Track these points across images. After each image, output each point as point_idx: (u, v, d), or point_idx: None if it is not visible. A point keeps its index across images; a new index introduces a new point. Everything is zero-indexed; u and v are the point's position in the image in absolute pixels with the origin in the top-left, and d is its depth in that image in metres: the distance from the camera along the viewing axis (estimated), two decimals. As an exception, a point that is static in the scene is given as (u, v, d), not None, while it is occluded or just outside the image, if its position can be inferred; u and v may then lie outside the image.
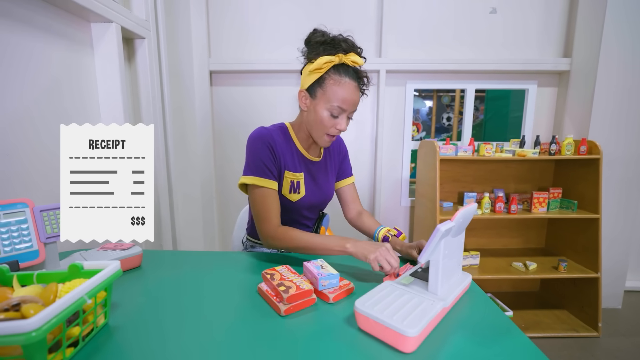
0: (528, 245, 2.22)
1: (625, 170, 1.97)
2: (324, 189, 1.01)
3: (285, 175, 0.91)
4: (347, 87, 0.83)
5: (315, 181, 0.98)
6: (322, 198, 1.00)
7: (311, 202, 0.97)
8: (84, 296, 0.48)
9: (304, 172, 0.95)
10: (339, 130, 0.87)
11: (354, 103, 0.86)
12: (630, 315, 2.02)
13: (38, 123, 0.98)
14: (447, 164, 2.09)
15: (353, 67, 0.85)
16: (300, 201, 0.94)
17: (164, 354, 0.50)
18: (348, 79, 0.83)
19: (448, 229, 0.55)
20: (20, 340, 0.39)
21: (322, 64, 0.81)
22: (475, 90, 2.18)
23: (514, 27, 2.08)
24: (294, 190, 0.92)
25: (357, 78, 0.86)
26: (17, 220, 0.68)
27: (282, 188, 0.91)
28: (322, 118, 0.85)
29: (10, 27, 0.89)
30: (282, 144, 0.90)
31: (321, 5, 2.05)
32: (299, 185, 0.93)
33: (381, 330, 0.51)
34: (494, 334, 0.55)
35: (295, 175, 0.92)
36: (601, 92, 1.90)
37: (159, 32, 1.45)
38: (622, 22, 1.82)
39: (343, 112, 0.85)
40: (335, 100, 0.83)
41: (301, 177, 0.94)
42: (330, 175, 1.04)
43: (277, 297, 0.61)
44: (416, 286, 0.63)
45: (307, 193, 0.94)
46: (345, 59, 0.83)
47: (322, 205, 1.03)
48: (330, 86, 0.83)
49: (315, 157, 0.99)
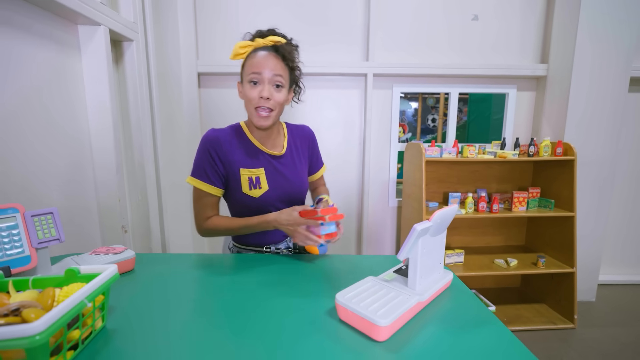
0: (509, 242, 2.31)
1: (599, 170, 2.08)
2: (293, 181, 1.00)
3: (242, 173, 0.92)
4: (258, 56, 0.87)
5: (281, 174, 0.97)
6: (291, 190, 0.99)
7: (279, 196, 0.96)
8: (84, 300, 0.49)
9: (264, 167, 0.95)
10: (263, 98, 0.86)
11: (268, 66, 0.86)
12: (604, 308, 2.14)
13: (24, 126, 0.97)
14: (433, 166, 2.15)
15: (273, 45, 0.89)
16: (264, 196, 0.94)
17: (162, 356, 0.51)
18: (261, 51, 0.87)
19: (424, 228, 0.59)
20: (25, 344, 0.40)
21: (239, 48, 0.89)
22: (459, 92, 2.26)
23: (494, 34, 2.17)
24: (254, 186, 0.93)
25: (275, 50, 0.88)
26: (8, 225, 0.68)
27: (241, 186, 0.93)
28: (246, 92, 0.88)
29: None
30: (233, 144, 0.93)
31: (309, 10, 2.08)
32: (259, 180, 0.94)
33: (357, 320, 0.56)
34: (471, 325, 0.59)
35: (252, 172, 0.93)
36: (575, 96, 2.00)
37: (147, 35, 1.44)
38: (594, 31, 1.93)
39: (261, 78, 0.86)
40: (249, 70, 0.87)
41: (261, 172, 0.94)
42: (300, 166, 1.03)
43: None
44: (397, 282, 0.67)
45: (270, 187, 0.95)
46: (264, 42, 0.89)
47: (296, 197, 1.01)
48: (247, 63, 0.89)
49: (277, 151, 0.98)
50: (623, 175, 2.34)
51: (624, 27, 1.93)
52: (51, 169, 1.06)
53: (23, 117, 0.97)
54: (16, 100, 0.95)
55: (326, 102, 2.20)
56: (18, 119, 0.95)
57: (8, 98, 0.92)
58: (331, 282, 0.77)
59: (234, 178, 0.93)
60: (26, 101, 0.98)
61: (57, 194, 1.08)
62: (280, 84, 0.89)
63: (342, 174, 2.29)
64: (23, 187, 0.96)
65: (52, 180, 1.06)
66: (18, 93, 0.95)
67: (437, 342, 0.54)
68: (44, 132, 1.03)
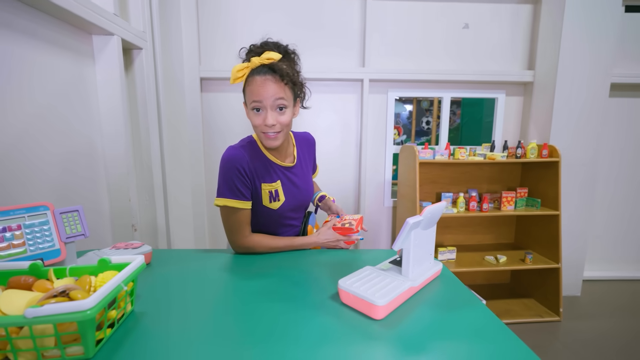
0: (499, 240, 2.42)
1: (582, 171, 2.20)
2: (304, 190, 1.04)
3: (263, 188, 0.95)
4: (255, 82, 0.86)
5: (295, 185, 1.02)
6: (303, 199, 1.04)
7: (293, 205, 1.02)
8: (120, 284, 0.56)
9: (281, 180, 0.98)
10: (267, 126, 0.87)
11: (267, 94, 0.85)
12: (588, 302, 2.25)
13: (46, 130, 1.03)
14: (426, 167, 2.25)
15: (269, 64, 0.86)
16: (281, 207, 0.99)
17: (184, 334, 0.59)
18: (257, 76, 0.86)
19: (416, 222, 0.68)
20: (78, 317, 0.47)
21: (236, 72, 0.87)
22: (451, 97, 2.36)
23: (484, 42, 2.28)
24: (273, 199, 0.97)
25: (272, 71, 0.86)
26: (40, 221, 0.75)
27: (262, 200, 0.96)
28: (251, 119, 0.90)
29: (13, 38, 0.94)
30: (254, 160, 0.93)
31: (306, 15, 2.17)
32: (278, 193, 0.97)
33: (358, 302, 0.64)
34: (457, 306, 0.68)
35: (272, 186, 0.96)
36: (560, 101, 2.12)
37: (155, 42, 1.51)
38: (576, 41, 2.05)
39: (263, 105, 0.87)
40: (250, 98, 0.87)
41: (279, 186, 0.98)
42: (308, 174, 1.08)
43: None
44: (392, 271, 0.75)
45: (287, 198, 0.99)
46: (260, 60, 0.86)
47: (305, 203, 1.07)
48: (246, 88, 0.89)
49: (289, 163, 1.01)
50: (605, 176, 2.47)
51: (604, 37, 2.06)
52: (66, 170, 1.12)
53: (43, 122, 1.03)
54: (37, 106, 1.01)
55: (324, 106, 2.29)
56: (38, 124, 1.02)
57: (30, 104, 0.99)
58: (333, 272, 0.85)
59: (255, 192, 0.96)
60: (46, 107, 1.04)
61: (72, 195, 1.15)
62: (283, 106, 0.88)
63: (339, 176, 2.37)
64: (43, 187, 1.02)
65: (67, 181, 1.13)
66: (39, 99, 1.02)
67: (427, 321, 0.62)
68: (62, 136, 1.10)
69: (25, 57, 0.97)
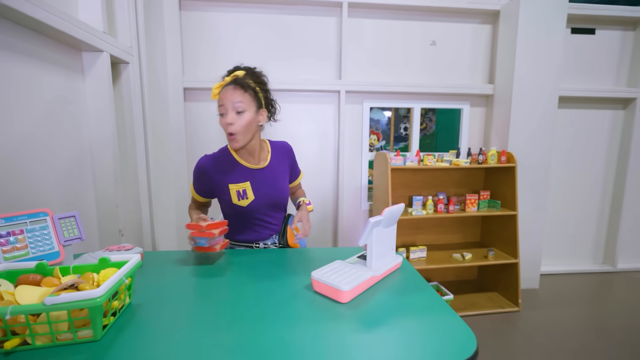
0: (467, 239, 2.62)
1: (536, 174, 2.44)
2: (275, 189, 1.16)
3: (231, 188, 1.11)
4: (222, 92, 1.04)
5: (264, 185, 1.14)
6: (273, 198, 1.16)
7: (264, 203, 1.14)
8: (122, 277, 0.66)
9: (250, 181, 1.12)
10: (227, 124, 1.02)
11: (227, 99, 1.02)
12: (545, 294, 2.47)
13: (39, 141, 1.09)
14: (398, 172, 2.42)
15: (234, 78, 1.05)
16: (251, 205, 1.11)
17: (176, 324, 0.68)
18: (224, 87, 1.04)
19: (377, 221, 0.81)
20: (90, 304, 0.57)
21: (214, 89, 1.07)
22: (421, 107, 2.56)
23: (450, 58, 2.50)
24: (242, 197, 1.11)
25: (235, 83, 1.04)
26: (40, 226, 0.83)
27: (231, 198, 1.11)
28: (220, 123, 1.06)
29: (13, 58, 1.01)
30: (221, 165, 1.11)
31: (286, 32, 2.30)
32: (246, 192, 1.11)
33: (327, 289, 0.76)
34: (411, 292, 0.81)
35: (239, 185, 1.11)
36: (516, 112, 2.35)
37: (141, 56, 1.59)
38: (528, 58, 2.30)
39: (225, 109, 1.02)
40: (218, 104, 1.04)
41: (247, 186, 1.12)
42: (281, 176, 1.19)
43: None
44: (359, 264, 0.88)
45: (256, 197, 1.12)
46: (229, 78, 1.06)
47: (278, 203, 1.18)
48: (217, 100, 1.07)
49: (259, 165, 1.15)
50: (556, 179, 2.73)
51: (553, 55, 2.31)
52: (57, 179, 1.18)
53: (35, 134, 1.09)
54: (30, 119, 1.07)
55: (303, 115, 2.42)
56: (31, 136, 1.08)
57: (23, 118, 1.05)
58: (308, 266, 0.96)
59: (225, 192, 1.11)
60: (38, 121, 1.10)
61: (64, 201, 1.21)
62: (241, 110, 1.02)
63: (319, 181, 2.50)
64: (36, 195, 1.08)
65: (60, 188, 1.19)
66: (30, 113, 1.08)
67: (385, 303, 0.75)
68: (55, 146, 1.16)
69: (22, 75, 1.04)
